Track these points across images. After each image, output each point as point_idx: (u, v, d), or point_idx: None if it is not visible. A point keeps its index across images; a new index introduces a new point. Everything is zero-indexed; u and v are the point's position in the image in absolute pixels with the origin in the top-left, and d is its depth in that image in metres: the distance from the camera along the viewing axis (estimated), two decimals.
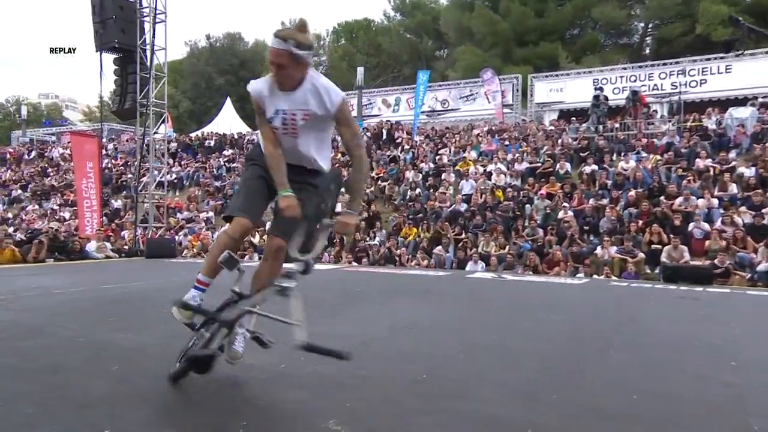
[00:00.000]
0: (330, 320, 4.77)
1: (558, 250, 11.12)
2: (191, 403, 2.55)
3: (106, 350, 3.49)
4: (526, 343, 3.98)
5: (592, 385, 2.97)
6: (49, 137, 38.00)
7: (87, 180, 14.59)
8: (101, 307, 5.42)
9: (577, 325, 4.87)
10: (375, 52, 46.29)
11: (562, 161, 14.63)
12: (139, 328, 4.20)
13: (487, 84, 24.10)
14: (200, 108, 47.34)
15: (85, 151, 14.95)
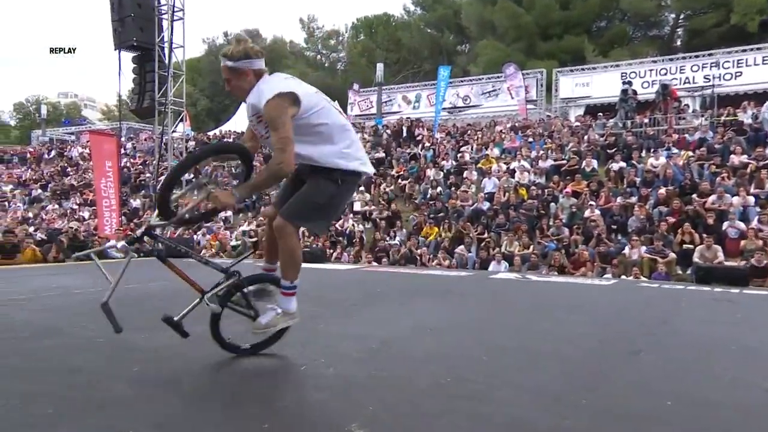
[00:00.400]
0: (349, 320, 4.78)
1: (584, 250, 10.99)
2: (211, 404, 2.58)
3: (126, 351, 3.55)
4: (551, 345, 3.93)
5: (620, 389, 2.92)
6: (69, 136, 38.83)
7: (106, 179, 14.87)
8: (121, 308, 5.46)
9: (604, 326, 4.80)
10: (395, 48, 46.28)
11: (589, 158, 14.45)
12: (159, 328, 4.24)
13: (510, 79, 23.93)
14: (218, 106, 47.94)
15: (104, 150, 15.25)
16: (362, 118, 29.48)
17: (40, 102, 54.25)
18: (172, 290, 6.94)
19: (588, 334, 4.39)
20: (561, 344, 4.00)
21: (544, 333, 4.43)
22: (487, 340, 4.15)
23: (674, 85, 18.77)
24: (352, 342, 3.89)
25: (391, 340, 3.99)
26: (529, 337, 4.23)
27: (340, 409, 2.56)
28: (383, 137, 21.26)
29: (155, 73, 14.28)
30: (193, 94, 43.77)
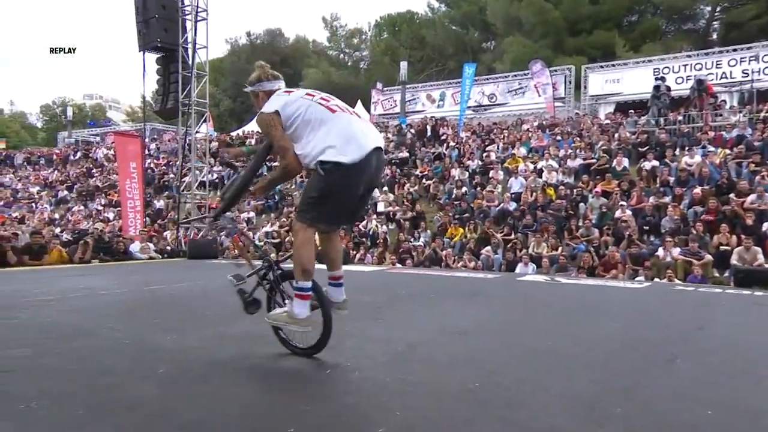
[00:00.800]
0: (374, 323, 4.79)
1: (615, 252, 10.82)
2: (238, 407, 2.60)
3: (153, 352, 3.61)
4: (584, 351, 3.88)
5: (656, 397, 2.86)
6: (94, 138, 39.73)
7: (130, 180, 15.15)
8: (147, 309, 5.62)
9: (638, 332, 4.71)
10: (419, 46, 46.23)
11: (620, 157, 14.24)
12: (185, 330, 4.33)
13: (537, 76, 23.70)
14: (241, 106, 48.45)
15: (128, 151, 15.54)
16: (386, 118, 29.52)
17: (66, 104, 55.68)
18: (198, 291, 7.06)
19: (621, 339, 4.32)
20: (593, 349, 3.94)
21: (575, 337, 4.37)
22: (517, 343, 4.11)
23: (710, 80, 18.37)
24: (379, 345, 3.89)
25: (418, 343, 3.98)
26: (559, 341, 4.18)
27: (367, 413, 2.56)
28: (407, 136, 21.26)
29: (179, 74, 14.48)
30: (215, 94, 44.37)
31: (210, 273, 9.93)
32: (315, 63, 47.70)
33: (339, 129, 3.03)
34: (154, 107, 16.78)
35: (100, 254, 12.44)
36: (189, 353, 3.57)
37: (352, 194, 3.06)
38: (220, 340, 3.94)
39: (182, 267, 11.58)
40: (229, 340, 3.97)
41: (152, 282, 8.24)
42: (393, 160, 18.98)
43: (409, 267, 12.41)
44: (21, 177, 29.64)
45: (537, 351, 3.87)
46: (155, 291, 7.21)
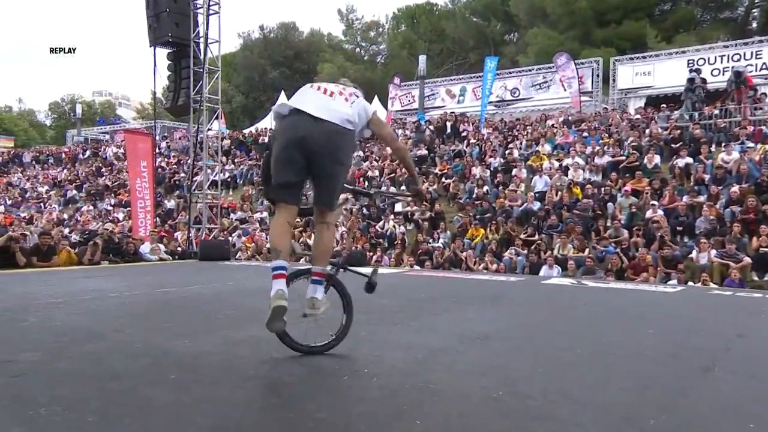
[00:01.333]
0: (392, 328, 4.77)
1: (646, 254, 10.70)
2: (251, 414, 2.61)
3: (165, 357, 3.63)
4: (616, 359, 3.82)
5: (694, 409, 2.81)
6: (103, 136, 40.35)
7: (141, 180, 15.35)
8: (157, 312, 5.67)
9: (674, 339, 4.63)
10: (438, 38, 46.18)
11: (651, 154, 14.09)
12: (197, 334, 4.36)
13: (563, 69, 23.54)
14: (253, 103, 48.85)
15: (138, 149, 15.74)
16: (404, 114, 29.54)
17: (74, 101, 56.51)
18: (210, 294, 7.11)
19: (654, 347, 4.25)
20: (624, 357, 3.88)
21: (604, 344, 4.32)
22: (543, 350, 4.07)
23: (749, 72, 18.03)
24: (397, 351, 3.87)
25: (439, 349, 3.96)
26: (587, 349, 4.12)
27: (385, 422, 2.54)
28: (426, 133, 21.23)
29: (190, 69, 14.60)
30: (227, 90, 44.74)
31: (222, 275, 10.00)
32: (330, 57, 47.89)
33: (294, 96, 3.36)
34: (165, 104, 16.96)
35: (109, 255, 12.61)
36: (201, 358, 3.59)
37: (278, 147, 3.25)
38: (232, 345, 3.96)
39: (193, 269, 11.67)
40: (242, 344, 3.98)
41: (163, 284, 8.32)
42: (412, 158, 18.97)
43: (428, 269, 12.39)
44: (29, 176, 30.22)
45: (563, 358, 3.82)
46: (166, 293, 7.28)
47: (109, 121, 48.25)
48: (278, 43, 50.27)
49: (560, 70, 23.74)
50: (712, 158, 13.49)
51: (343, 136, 3.26)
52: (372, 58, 53.07)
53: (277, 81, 46.68)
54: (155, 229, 15.20)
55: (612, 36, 32.92)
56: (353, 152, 3.70)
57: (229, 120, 39.65)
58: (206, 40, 14.67)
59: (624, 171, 14.13)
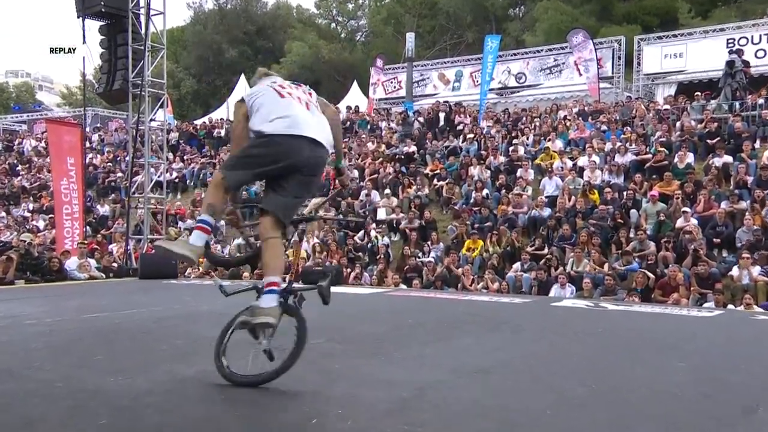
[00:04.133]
0: (373, 360, 4.77)
1: (677, 271, 10.80)
2: None
3: (93, 398, 3.58)
4: (639, 397, 3.85)
5: None
6: (19, 126, 39.78)
7: (68, 180, 15.17)
8: (85, 343, 5.59)
9: (709, 373, 4.68)
10: (429, 13, 46.46)
11: (682, 151, 14.24)
12: (135, 369, 4.30)
13: (578, 50, 23.78)
14: (207, 88, 48.63)
15: (64, 143, 15.56)
16: (388, 102, 29.63)
17: None
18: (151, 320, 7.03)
19: (685, 383, 4.29)
20: (649, 396, 3.91)
21: (626, 379, 4.35)
22: (552, 387, 4.09)
23: None
24: (378, 388, 3.86)
25: (427, 385, 3.96)
26: (606, 385, 4.15)
27: None
28: (414, 126, 21.30)
29: (129, 46, 14.47)
30: (175, 73, 44.52)
31: (167, 296, 9.90)
32: (300, 34, 47.89)
33: (278, 108, 3.85)
34: (97, 89, 16.82)
35: (26, 273, 12.41)
36: (138, 399, 3.54)
37: (264, 161, 3.78)
38: (177, 383, 3.92)
39: (132, 289, 11.53)
40: (189, 382, 3.95)
41: (93, 308, 8.20)
42: (397, 155, 19.03)
43: (417, 289, 12.38)
44: None
45: (576, 396, 3.84)
46: (97, 320, 7.19)
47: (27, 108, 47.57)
48: (237, 17, 50.19)
49: (575, 51, 23.97)
50: (756, 157, 13.68)
51: (325, 155, 3.94)
52: (350, 36, 53.19)
53: (236, 62, 46.53)
54: (84, 241, 14.98)
55: (636, 10, 33.39)
56: None
57: (176, 109, 39.45)
58: (148, 12, 14.59)
59: (650, 172, 14.24)
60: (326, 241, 15.05)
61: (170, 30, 24.23)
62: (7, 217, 21.84)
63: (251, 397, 3.55)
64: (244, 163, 3.85)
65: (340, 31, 53.28)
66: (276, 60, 45.87)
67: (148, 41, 14.53)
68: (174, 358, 4.65)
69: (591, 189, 14.05)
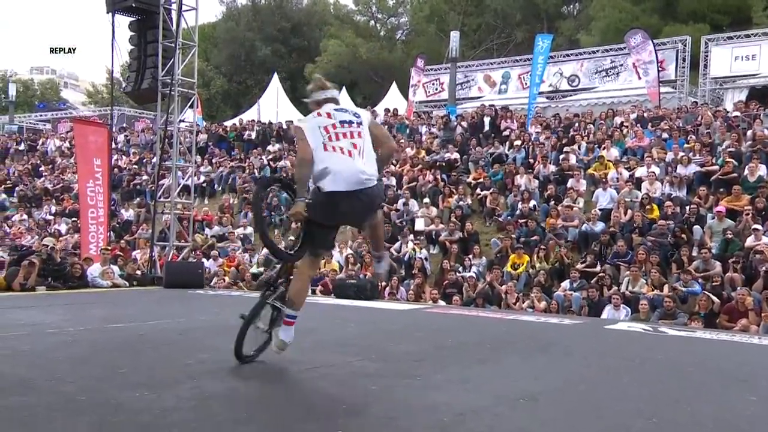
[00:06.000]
0: (411, 382, 4.76)
1: (746, 294, 10.58)
2: None
3: (117, 413, 3.64)
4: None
5: None
6: (43, 125, 40.73)
7: (93, 182, 15.44)
8: (108, 355, 5.69)
9: None
10: (476, 10, 46.44)
11: (754, 163, 13.97)
12: (159, 384, 4.37)
13: (637, 52, 23.49)
14: (238, 88, 49.22)
15: (90, 143, 15.85)
16: (429, 106, 29.63)
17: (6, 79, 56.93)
18: (177, 332, 7.13)
19: (756, 418, 4.19)
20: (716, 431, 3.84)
21: (689, 413, 4.27)
22: (606, 416, 4.04)
23: None
24: (415, 412, 3.86)
25: (469, 411, 3.94)
26: (666, 417, 4.08)
27: None
28: (457, 131, 21.27)
29: (159, 43, 14.75)
30: (206, 71, 45.14)
31: (193, 307, 10.02)
32: (336, 32, 48.28)
33: (328, 158, 4.63)
34: (125, 87, 17.16)
35: (48, 279, 12.65)
36: (164, 416, 3.59)
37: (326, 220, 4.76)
38: (205, 399, 3.96)
39: (156, 298, 11.69)
40: (216, 400, 3.98)
41: (117, 318, 8.35)
42: (438, 162, 19.01)
43: (457, 306, 12.34)
44: None
45: (634, 428, 3.78)
46: (121, 330, 7.31)
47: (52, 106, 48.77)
48: (271, 13, 50.78)
49: (634, 53, 23.66)
50: None
51: (374, 188, 4.67)
52: (390, 34, 53.36)
53: (269, 60, 47.09)
54: (108, 247, 15.23)
55: (704, 8, 32.80)
56: None
57: (206, 109, 40.06)
58: (180, 7, 14.84)
59: (717, 185, 14.02)
60: (360, 252, 15.08)
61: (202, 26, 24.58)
62: (28, 219, 22.32)
63: (281, 418, 3.57)
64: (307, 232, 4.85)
65: (379, 29, 53.51)
66: (311, 59, 46.31)
67: (179, 38, 14.77)
68: (200, 374, 4.70)
69: (650, 202, 13.87)
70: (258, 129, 26.03)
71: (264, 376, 4.79)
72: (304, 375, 4.87)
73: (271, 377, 4.80)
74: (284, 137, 24.71)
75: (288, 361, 5.23)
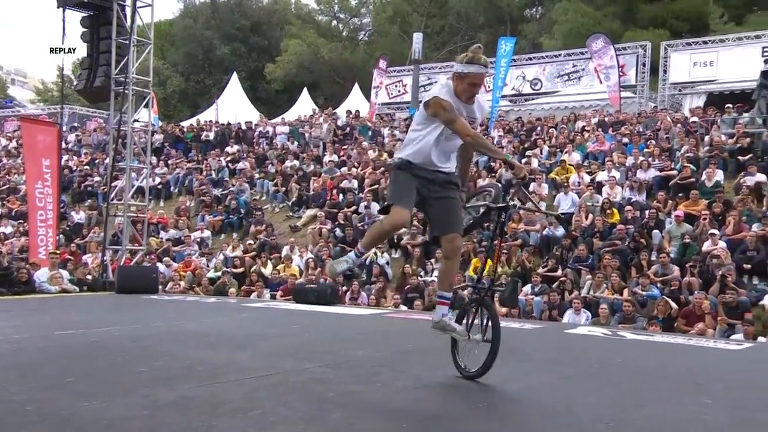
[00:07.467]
0: (371, 388, 4.76)
1: (703, 298, 10.78)
2: None
3: (66, 424, 3.58)
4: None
5: None
6: None
7: (43, 183, 15.14)
8: (56, 363, 5.58)
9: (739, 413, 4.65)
10: (439, 12, 46.67)
11: (711, 168, 14.26)
12: (110, 393, 4.30)
13: (599, 56, 23.87)
14: (196, 87, 48.66)
15: (38, 143, 15.53)
16: (392, 107, 29.70)
17: None
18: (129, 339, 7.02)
19: (712, 423, 4.28)
20: None
21: (646, 417, 4.33)
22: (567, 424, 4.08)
23: None
24: (374, 418, 3.86)
25: (431, 416, 3.96)
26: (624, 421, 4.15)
27: None
28: None
29: (112, 40, 14.56)
30: (162, 70, 44.59)
31: (147, 313, 9.88)
32: (298, 32, 48.06)
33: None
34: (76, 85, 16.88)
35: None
36: (114, 426, 3.55)
37: None
38: (157, 409, 3.91)
39: (108, 304, 11.51)
40: (171, 408, 3.94)
41: (65, 325, 8.19)
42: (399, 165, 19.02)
43: (418, 311, 12.34)
44: None
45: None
46: (70, 338, 7.17)
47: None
48: (230, 11, 50.30)
49: (595, 57, 24.03)
50: None
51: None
52: (352, 35, 53.36)
53: (228, 60, 46.67)
54: (57, 251, 14.93)
55: (664, 14, 33.42)
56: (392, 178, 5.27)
57: (162, 109, 39.50)
58: (134, 3, 14.67)
59: (676, 189, 14.26)
60: (321, 256, 15.03)
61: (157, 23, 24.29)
62: None
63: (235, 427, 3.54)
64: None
65: (341, 29, 53.47)
66: (271, 58, 46.05)
67: (133, 35, 14.59)
68: (153, 382, 4.64)
69: (610, 207, 14.05)
70: (216, 130, 25.80)
71: (219, 383, 4.74)
72: (261, 382, 4.83)
73: (227, 384, 4.75)
74: (243, 138, 24.55)
75: (245, 368, 5.19)
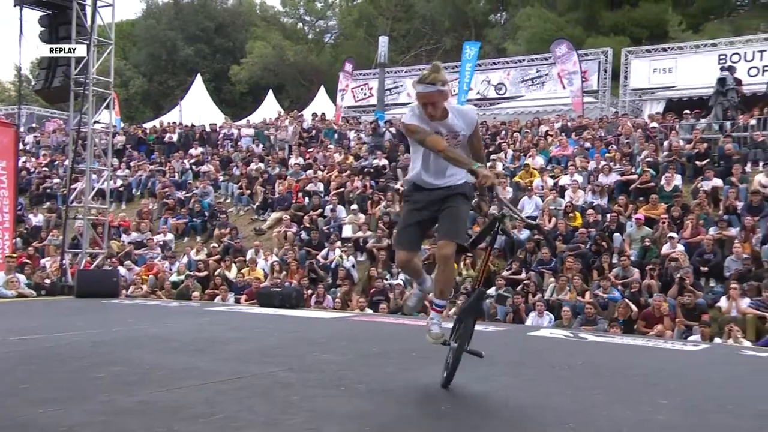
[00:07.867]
0: (334, 392, 4.75)
1: (662, 301, 10.95)
2: None
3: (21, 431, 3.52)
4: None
5: None
6: None
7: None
8: (11, 369, 5.48)
9: (694, 413, 4.73)
10: (404, 16, 46.85)
11: (670, 173, 14.47)
12: (67, 400, 4.24)
13: (562, 62, 24.12)
14: (158, 88, 48.15)
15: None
16: (357, 111, 29.68)
17: None
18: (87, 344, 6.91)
19: (668, 423, 4.34)
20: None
21: (606, 418, 4.39)
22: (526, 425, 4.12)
23: None
24: (338, 422, 3.85)
25: (393, 420, 3.96)
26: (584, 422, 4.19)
27: None
28: (385, 137, 21.35)
29: (72, 40, 14.35)
30: (124, 71, 44.05)
31: (107, 318, 9.74)
32: (263, 34, 47.85)
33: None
34: (34, 85, 16.57)
35: None
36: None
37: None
38: (115, 415, 3.86)
39: (67, 309, 11.33)
40: (130, 414, 3.89)
41: (21, 330, 8.04)
42: (366, 168, 19.02)
43: (383, 314, 12.36)
44: None
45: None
46: (25, 343, 7.04)
47: None
48: (194, 12, 49.89)
49: (558, 63, 24.27)
50: (747, 181, 13.93)
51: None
52: (318, 37, 53.30)
53: (192, 61, 46.26)
54: (13, 254, 14.67)
55: (625, 21, 33.94)
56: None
57: (124, 110, 38.99)
58: (95, 3, 14.46)
59: (636, 194, 14.45)
60: (286, 259, 14.96)
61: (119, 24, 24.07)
62: None
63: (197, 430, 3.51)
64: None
65: (307, 32, 53.38)
66: (236, 60, 45.78)
67: (94, 35, 14.37)
68: (112, 387, 4.58)
69: (573, 210, 14.21)
70: (180, 132, 25.53)
71: (180, 388, 4.69)
72: (224, 386, 4.79)
73: (189, 389, 4.70)
74: (207, 141, 24.33)
75: (207, 372, 5.15)
